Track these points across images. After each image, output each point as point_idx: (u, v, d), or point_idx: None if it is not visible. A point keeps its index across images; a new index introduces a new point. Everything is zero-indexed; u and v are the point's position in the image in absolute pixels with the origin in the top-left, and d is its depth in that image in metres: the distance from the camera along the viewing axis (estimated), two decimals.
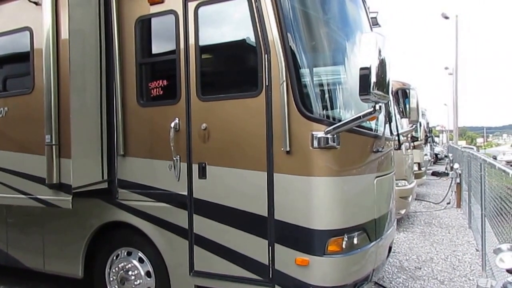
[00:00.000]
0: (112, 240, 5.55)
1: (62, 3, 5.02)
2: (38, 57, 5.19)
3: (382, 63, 4.08)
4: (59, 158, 5.05)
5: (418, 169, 14.21)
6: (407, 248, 9.30)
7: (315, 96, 4.64)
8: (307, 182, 4.47)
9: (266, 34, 4.52)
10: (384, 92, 4.15)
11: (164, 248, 5.12)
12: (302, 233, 4.48)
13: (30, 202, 5.36)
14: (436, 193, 17.64)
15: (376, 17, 6.54)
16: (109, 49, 5.32)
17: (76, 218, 5.60)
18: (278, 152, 4.53)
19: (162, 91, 5.14)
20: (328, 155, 4.48)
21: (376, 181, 5.27)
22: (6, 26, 5.62)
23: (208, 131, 4.85)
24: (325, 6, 5.26)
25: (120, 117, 5.27)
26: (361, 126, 4.91)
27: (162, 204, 5.10)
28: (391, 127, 6.30)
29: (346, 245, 4.57)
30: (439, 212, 13.54)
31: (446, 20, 37.70)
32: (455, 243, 9.78)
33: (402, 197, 10.27)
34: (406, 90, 11.79)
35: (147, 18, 5.22)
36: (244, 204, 4.71)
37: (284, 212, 4.54)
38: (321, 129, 4.42)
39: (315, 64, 4.97)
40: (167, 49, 5.18)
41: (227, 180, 4.80)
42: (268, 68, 4.54)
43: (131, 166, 5.30)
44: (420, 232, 10.79)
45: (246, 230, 4.71)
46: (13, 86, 5.95)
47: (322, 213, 4.50)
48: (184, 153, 4.96)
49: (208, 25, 4.95)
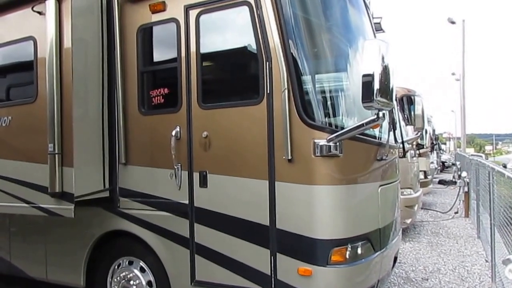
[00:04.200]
0: (114, 249, 5.52)
1: (65, 13, 5.03)
2: (42, 66, 5.20)
3: (386, 70, 4.05)
4: (61, 167, 5.05)
5: (424, 177, 14.10)
6: (414, 258, 9.18)
7: (317, 104, 4.60)
8: (309, 190, 4.43)
9: (268, 41, 4.50)
10: (388, 99, 4.11)
11: (165, 257, 5.08)
12: (304, 242, 4.42)
13: (33, 211, 5.35)
14: (443, 202, 17.47)
15: (380, 23, 6.52)
16: (111, 57, 5.32)
17: (77, 227, 5.58)
18: (279, 160, 4.49)
19: (163, 99, 5.13)
20: (331, 163, 4.44)
21: (381, 190, 5.22)
22: (11, 35, 5.64)
23: (209, 139, 4.82)
24: (328, 12, 5.23)
25: (121, 125, 5.26)
26: (364, 134, 4.86)
27: (163, 213, 5.07)
28: (396, 135, 6.23)
29: (349, 255, 4.51)
30: (446, 222, 13.39)
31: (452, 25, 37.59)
32: (463, 254, 9.64)
33: (407, 206, 10.15)
34: (411, 97, 11.72)
35: (149, 27, 5.22)
36: (246, 213, 4.67)
37: (286, 221, 4.49)
38: (323, 137, 4.38)
39: (317, 71, 4.93)
40: (168, 57, 5.17)
41: (228, 189, 4.76)
42: (270, 76, 4.51)
43: (132, 175, 5.28)
44: (427, 242, 10.66)
45: (248, 239, 4.67)
46: (17, 95, 5.95)
47: (325, 223, 4.45)
48: (185, 162, 4.94)
49: (210, 33, 4.94)
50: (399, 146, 6.47)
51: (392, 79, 4.13)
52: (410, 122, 10.50)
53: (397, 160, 6.22)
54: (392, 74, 4.13)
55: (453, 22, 37.36)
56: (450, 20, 37.27)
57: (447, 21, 37.29)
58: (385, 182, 5.42)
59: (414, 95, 11.75)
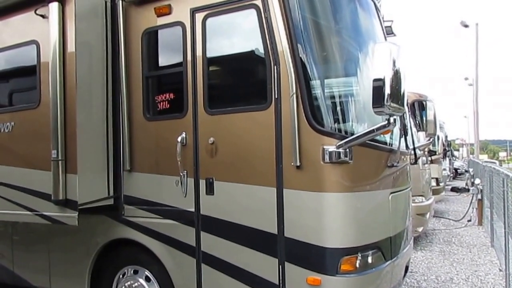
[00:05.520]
0: (119, 258, 5.44)
1: (69, 16, 4.96)
2: (45, 71, 5.13)
3: (397, 74, 3.95)
4: (65, 174, 4.97)
5: (436, 184, 14.01)
6: (426, 267, 9.06)
7: (326, 109, 4.50)
8: (318, 198, 4.32)
9: (276, 45, 4.41)
10: (399, 104, 4.01)
11: (171, 266, 4.99)
12: (313, 251, 4.32)
13: (36, 219, 5.28)
14: (456, 210, 17.31)
15: (391, 26, 6.45)
16: (115, 61, 5.25)
17: (81, 236, 5.51)
18: (288, 167, 4.39)
19: (168, 104, 5.04)
20: (340, 170, 4.33)
21: (391, 197, 5.11)
22: (13, 39, 5.57)
23: (215, 145, 4.73)
24: (337, 15, 5.13)
25: (126, 131, 5.18)
26: (375, 140, 4.76)
27: (169, 221, 4.99)
28: (407, 141, 6.11)
29: (360, 264, 4.40)
30: (459, 230, 13.25)
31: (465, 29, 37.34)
32: (476, 263, 9.51)
33: (419, 214, 10.04)
34: (422, 102, 11.65)
35: (154, 30, 5.15)
36: (253, 221, 4.57)
37: (295, 230, 4.39)
38: (332, 143, 4.28)
39: (326, 75, 4.84)
40: (174, 62, 5.10)
41: (235, 196, 4.67)
42: (278, 80, 4.41)
43: (137, 182, 5.20)
44: (439, 251, 10.54)
45: (255, 248, 4.57)
46: (19, 101, 5.89)
47: (334, 231, 4.35)
48: (191, 168, 4.85)
49: (216, 37, 4.85)
50: (410, 153, 6.37)
51: (403, 84, 4.05)
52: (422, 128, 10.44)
53: (408, 166, 6.10)
54: (403, 78, 4.04)
55: (466, 25, 37.07)
56: (463, 23, 36.99)
57: (460, 24, 37.03)
58: (396, 190, 5.32)
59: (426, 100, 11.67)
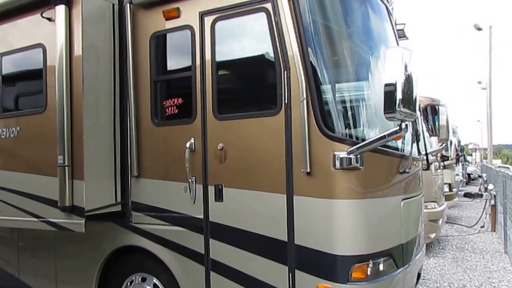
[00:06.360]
0: (126, 265, 5.37)
1: (76, 19, 4.92)
2: (51, 75, 5.08)
3: (409, 79, 3.87)
4: (72, 180, 4.92)
5: (449, 190, 13.87)
6: (438, 275, 8.96)
7: (337, 114, 4.43)
8: (329, 205, 4.25)
9: (286, 49, 4.35)
10: (411, 110, 3.93)
11: (179, 274, 4.92)
12: (324, 259, 4.25)
13: (42, 226, 5.23)
14: (469, 216, 17.15)
15: (403, 29, 6.37)
16: (123, 65, 5.20)
17: (88, 242, 5.45)
18: (298, 173, 4.32)
19: (177, 109, 4.99)
20: (351, 176, 4.26)
21: (403, 204, 5.02)
22: (19, 42, 5.54)
23: (224, 151, 4.66)
24: (348, 19, 5.06)
25: (134, 136, 5.12)
26: (386, 146, 4.68)
27: (177, 228, 4.92)
28: (419, 146, 6.01)
29: (371, 272, 4.33)
30: (472, 236, 13.12)
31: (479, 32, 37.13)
32: (490, 270, 9.40)
33: (431, 220, 9.94)
34: (435, 107, 11.57)
35: (162, 34, 5.09)
36: (263, 228, 4.50)
37: (305, 237, 4.32)
38: (343, 149, 4.21)
39: (337, 80, 4.76)
40: (182, 66, 5.04)
41: (245, 203, 4.60)
42: (288, 85, 4.34)
43: (145, 188, 5.13)
44: (452, 258, 10.43)
45: (265, 255, 4.50)
46: (25, 105, 5.84)
47: (345, 238, 4.27)
48: (200, 175, 4.78)
49: (225, 41, 4.80)
50: (422, 158, 6.28)
51: (415, 89, 3.96)
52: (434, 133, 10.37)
53: (420, 172, 6.02)
54: (415, 83, 3.96)
55: (480, 28, 36.88)
56: (477, 26, 36.79)
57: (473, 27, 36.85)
58: (408, 196, 5.24)
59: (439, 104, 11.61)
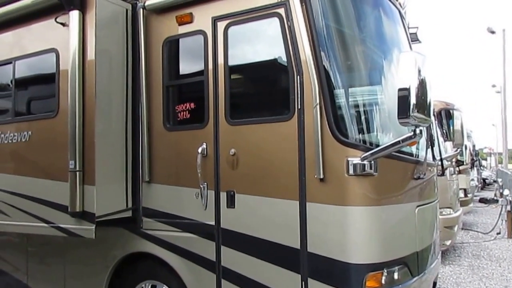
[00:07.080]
0: (136, 272, 5.33)
1: (89, 24, 4.93)
2: (64, 80, 5.09)
3: (423, 84, 3.83)
4: (82, 185, 4.90)
5: (464, 196, 13.76)
6: (454, 283, 8.85)
7: (350, 120, 4.38)
8: (342, 212, 4.19)
9: (299, 54, 4.31)
10: (425, 115, 3.88)
11: (190, 281, 4.87)
12: (337, 267, 4.18)
13: (52, 231, 5.22)
14: (485, 222, 17.00)
15: (416, 33, 6.32)
16: (135, 70, 5.20)
17: (98, 248, 5.42)
18: (311, 179, 4.27)
19: (189, 114, 4.97)
20: (365, 182, 4.20)
21: (418, 210, 4.95)
22: (32, 47, 5.56)
23: (237, 157, 4.62)
24: (361, 23, 5.01)
25: (145, 141, 5.10)
26: (400, 151, 4.61)
27: (188, 235, 4.88)
28: (434, 151, 5.98)
29: (385, 281, 4.26)
30: (488, 243, 12.98)
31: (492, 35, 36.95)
32: (507, 278, 9.27)
33: (447, 227, 9.86)
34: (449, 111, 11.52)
35: (175, 39, 5.08)
36: (275, 236, 4.45)
37: (318, 245, 4.26)
38: (357, 155, 4.16)
39: (350, 85, 4.71)
40: (195, 71, 5.03)
41: (257, 210, 4.55)
42: (301, 90, 4.30)
43: (156, 194, 5.10)
44: (468, 266, 10.31)
45: (277, 263, 4.44)
46: (37, 109, 5.85)
47: (359, 246, 4.21)
48: (211, 180, 4.75)
49: (238, 46, 4.78)
50: (437, 164, 6.24)
51: (429, 93, 3.92)
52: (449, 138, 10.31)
53: (435, 178, 5.94)
54: (429, 87, 3.92)
55: (493, 31, 36.74)
56: (490, 29, 36.66)
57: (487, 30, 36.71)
58: (423, 202, 5.17)
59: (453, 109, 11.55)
